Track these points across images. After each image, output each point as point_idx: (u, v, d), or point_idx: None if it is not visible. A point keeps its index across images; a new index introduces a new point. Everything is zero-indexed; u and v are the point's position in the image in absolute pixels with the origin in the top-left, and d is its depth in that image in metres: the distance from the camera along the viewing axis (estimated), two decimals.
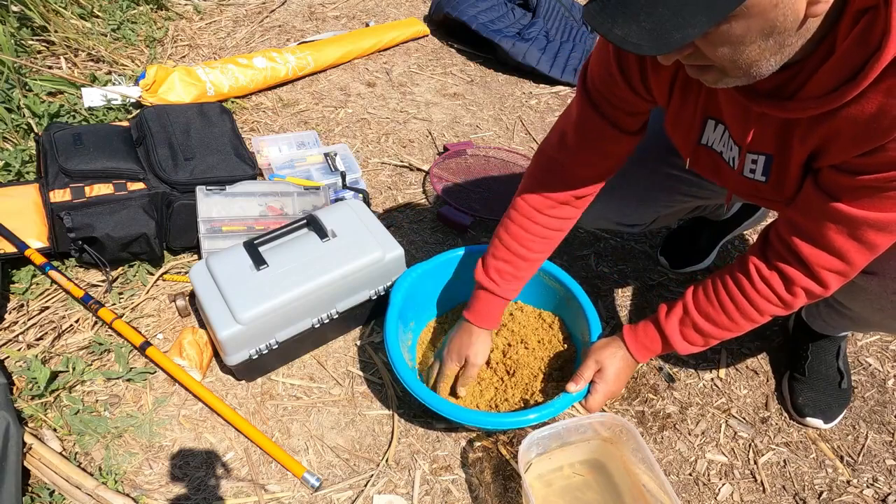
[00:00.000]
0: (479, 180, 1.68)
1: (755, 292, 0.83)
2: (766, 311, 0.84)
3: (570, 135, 0.93)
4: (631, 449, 0.96)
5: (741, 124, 0.79)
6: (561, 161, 0.96)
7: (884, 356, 1.27)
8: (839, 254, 0.75)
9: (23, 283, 1.27)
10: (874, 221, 0.70)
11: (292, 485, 1.02)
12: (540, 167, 0.99)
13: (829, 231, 0.73)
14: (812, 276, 0.78)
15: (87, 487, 0.97)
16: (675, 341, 0.91)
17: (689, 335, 0.90)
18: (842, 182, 0.70)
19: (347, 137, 1.81)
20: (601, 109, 0.89)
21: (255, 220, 1.32)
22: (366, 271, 1.16)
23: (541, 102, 2.04)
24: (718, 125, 0.85)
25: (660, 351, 0.94)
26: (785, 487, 1.06)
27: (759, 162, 0.82)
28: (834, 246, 0.74)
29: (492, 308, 1.04)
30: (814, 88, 0.65)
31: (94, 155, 1.29)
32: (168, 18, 2.25)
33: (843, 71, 0.62)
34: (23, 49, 1.84)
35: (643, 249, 1.49)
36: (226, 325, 1.03)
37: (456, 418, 0.95)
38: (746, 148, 0.81)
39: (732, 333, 0.88)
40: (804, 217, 0.76)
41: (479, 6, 2.20)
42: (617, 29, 0.56)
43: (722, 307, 0.86)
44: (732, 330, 0.88)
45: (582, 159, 0.95)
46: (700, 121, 0.86)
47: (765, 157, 0.80)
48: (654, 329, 0.94)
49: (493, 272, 1.01)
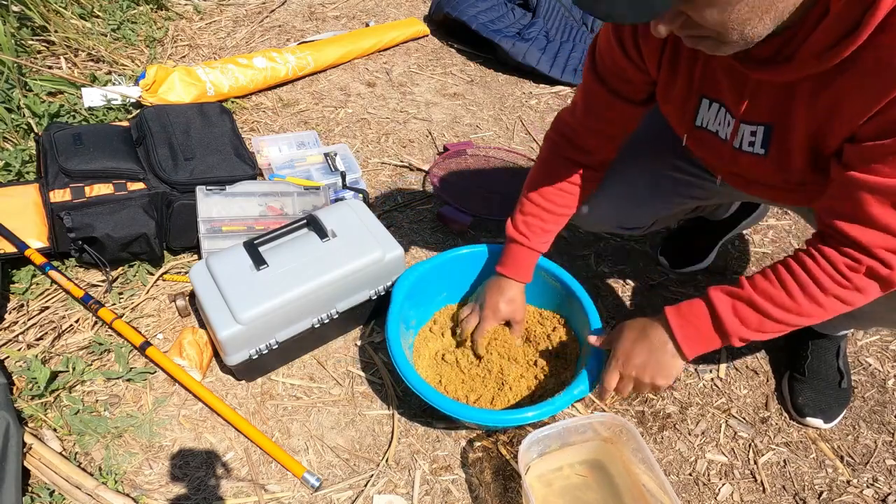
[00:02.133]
0: (479, 180, 1.68)
1: (816, 267, 0.75)
2: (829, 288, 0.75)
3: (579, 103, 0.99)
4: (631, 449, 0.96)
5: (738, 96, 0.78)
6: (573, 126, 1.01)
7: (884, 356, 1.27)
8: (886, 227, 0.70)
9: (23, 283, 1.27)
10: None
11: (292, 485, 1.02)
12: (556, 130, 1.05)
13: (870, 207, 0.69)
14: (871, 255, 0.72)
15: (87, 487, 0.97)
16: (726, 317, 0.79)
17: (742, 312, 0.79)
18: (864, 153, 0.68)
19: (347, 137, 1.81)
20: (604, 78, 0.92)
21: (255, 220, 1.32)
22: (366, 271, 1.16)
23: (541, 102, 2.04)
24: (713, 104, 0.84)
25: (708, 330, 0.81)
26: (785, 487, 1.06)
27: (758, 133, 0.79)
28: (880, 221, 0.69)
29: (524, 260, 1.08)
30: (810, 48, 0.65)
31: (94, 155, 1.29)
32: (168, 18, 2.25)
33: (839, 29, 0.62)
34: (23, 49, 1.84)
35: (643, 249, 1.49)
36: (226, 325, 1.03)
37: (457, 415, 0.95)
38: (741, 117, 0.79)
39: (793, 316, 0.77)
40: (841, 200, 0.72)
41: (479, 6, 2.20)
42: (601, 4, 0.57)
43: (781, 283, 0.77)
44: (793, 311, 0.77)
45: (589, 125, 0.99)
46: (695, 100, 0.86)
47: (763, 127, 0.78)
48: (700, 303, 0.82)
49: (521, 226, 1.06)
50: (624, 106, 0.94)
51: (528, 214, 1.06)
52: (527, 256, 1.08)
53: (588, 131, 1.00)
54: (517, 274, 1.09)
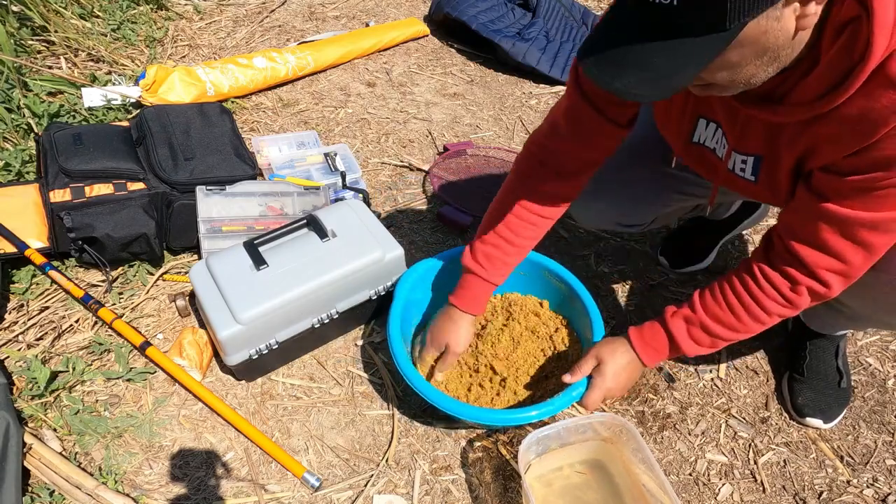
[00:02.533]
0: (479, 180, 1.68)
1: (760, 291, 0.83)
2: (773, 310, 0.84)
3: (562, 125, 0.93)
4: (631, 449, 0.96)
5: (731, 125, 0.82)
6: (551, 149, 0.96)
7: (884, 356, 1.27)
8: (835, 254, 0.76)
9: (23, 283, 1.27)
10: (865, 220, 0.71)
11: (292, 485, 1.02)
12: (529, 155, 0.99)
13: (823, 232, 0.75)
14: (813, 277, 0.79)
15: (87, 487, 0.97)
16: (682, 341, 0.90)
17: (696, 335, 0.90)
18: (831, 183, 0.72)
19: (347, 137, 1.81)
20: (591, 99, 0.88)
21: (255, 220, 1.32)
22: (366, 271, 1.16)
23: (541, 102, 2.04)
24: (710, 123, 0.87)
25: (666, 352, 0.94)
26: (785, 487, 1.06)
27: (749, 162, 0.84)
28: (829, 246, 0.76)
29: (479, 292, 1.04)
30: (802, 94, 0.68)
31: (94, 155, 1.29)
32: (168, 18, 2.25)
33: (830, 79, 0.64)
34: (23, 49, 1.83)
35: (643, 249, 1.49)
36: (226, 325, 1.03)
37: (458, 414, 0.95)
38: (734, 146, 0.83)
39: (741, 334, 0.88)
40: (798, 219, 0.79)
41: (479, 6, 2.20)
42: (617, 82, 0.58)
43: (729, 307, 0.86)
44: (740, 330, 0.87)
45: (570, 148, 0.94)
46: (691, 119, 0.88)
47: (753, 157, 0.83)
48: (660, 328, 0.93)
49: (481, 256, 1.01)
50: (610, 127, 0.90)
51: (489, 244, 1.01)
52: (483, 289, 1.03)
53: (569, 155, 0.95)
54: (470, 307, 1.04)
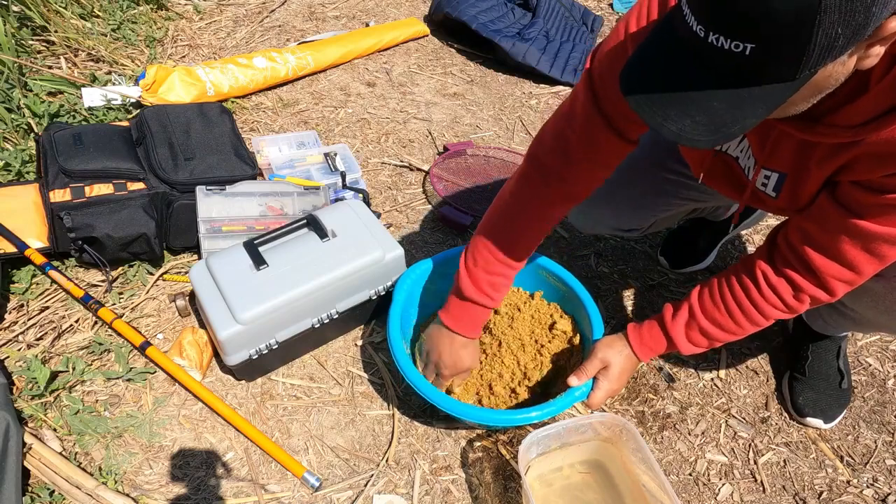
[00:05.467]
0: (479, 180, 1.68)
1: (762, 298, 0.82)
2: (772, 315, 0.84)
3: (575, 146, 0.86)
4: (631, 449, 0.96)
5: (761, 139, 0.79)
6: (562, 176, 0.90)
7: (884, 356, 1.27)
8: (851, 265, 0.75)
9: (23, 283, 1.27)
10: (890, 237, 0.70)
11: (292, 485, 1.02)
12: (535, 175, 0.93)
13: (844, 244, 0.73)
14: (820, 285, 0.78)
15: (87, 487, 0.97)
16: (680, 343, 0.91)
17: (693, 337, 0.91)
18: (863, 198, 0.69)
19: (347, 137, 1.81)
20: (611, 120, 0.81)
21: (255, 220, 1.32)
22: (366, 271, 1.16)
23: (541, 102, 2.04)
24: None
25: (663, 351, 0.95)
26: (785, 487, 1.06)
27: (772, 178, 0.82)
28: (846, 257, 0.74)
29: (482, 319, 1.02)
30: (846, 118, 0.65)
31: (94, 155, 1.29)
32: (168, 18, 2.25)
33: (877, 107, 0.62)
34: (23, 49, 1.83)
35: (643, 249, 1.49)
36: (226, 325, 1.03)
37: (459, 414, 0.95)
38: (762, 163, 0.81)
39: (737, 336, 0.89)
40: (818, 228, 0.76)
41: (479, 6, 2.20)
42: (670, 124, 0.55)
43: (728, 312, 0.86)
44: (737, 333, 0.88)
45: (583, 173, 0.90)
46: None
47: (778, 174, 0.81)
48: (659, 330, 0.94)
49: (487, 287, 0.97)
50: (623, 146, 0.85)
51: (496, 275, 0.96)
52: (485, 316, 1.02)
53: (580, 178, 0.90)
54: (474, 332, 1.02)
